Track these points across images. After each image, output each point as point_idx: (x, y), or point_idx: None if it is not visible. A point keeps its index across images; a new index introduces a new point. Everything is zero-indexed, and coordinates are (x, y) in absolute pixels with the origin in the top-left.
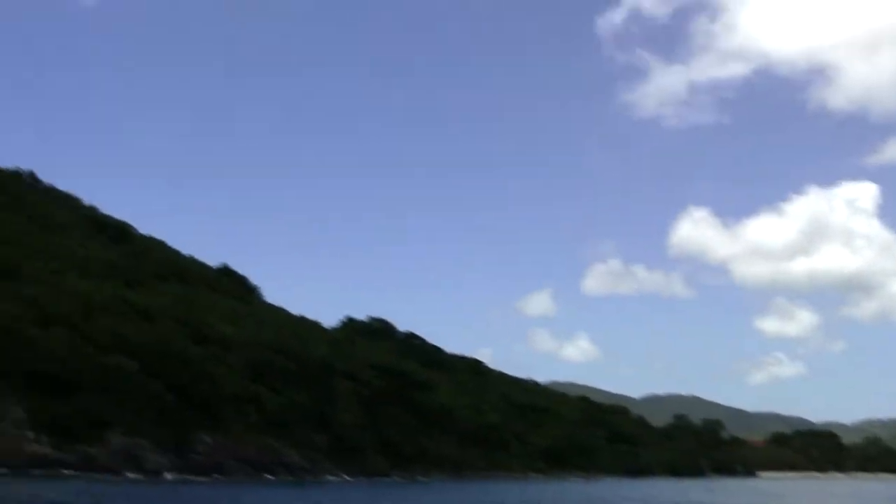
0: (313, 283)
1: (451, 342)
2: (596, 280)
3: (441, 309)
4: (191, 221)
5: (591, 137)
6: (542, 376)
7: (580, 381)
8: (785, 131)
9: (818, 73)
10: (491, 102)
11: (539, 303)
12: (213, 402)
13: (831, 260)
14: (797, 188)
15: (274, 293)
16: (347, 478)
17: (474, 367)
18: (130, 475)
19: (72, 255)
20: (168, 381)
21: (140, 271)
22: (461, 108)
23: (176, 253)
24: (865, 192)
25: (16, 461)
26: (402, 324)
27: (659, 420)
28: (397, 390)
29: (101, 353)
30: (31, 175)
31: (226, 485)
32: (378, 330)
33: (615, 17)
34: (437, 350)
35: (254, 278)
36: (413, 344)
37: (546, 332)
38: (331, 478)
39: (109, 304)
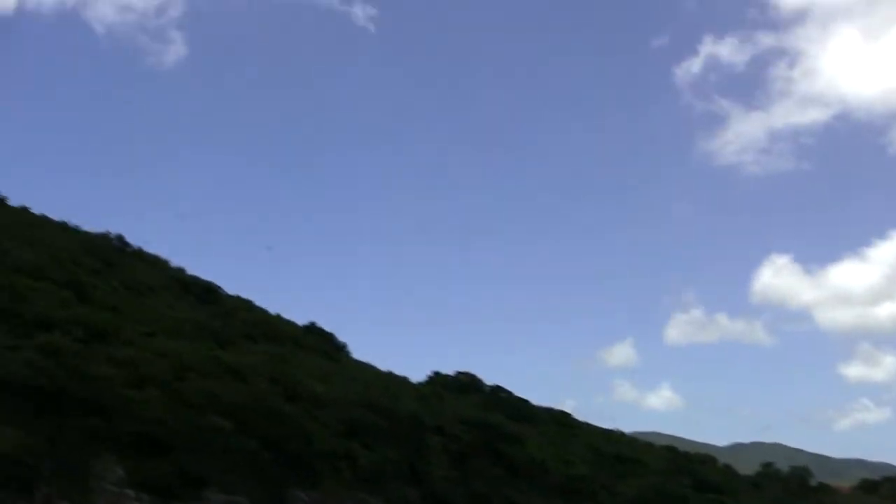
0: (399, 338)
1: (534, 394)
2: (678, 329)
3: (523, 361)
4: (277, 281)
5: (671, 186)
6: (625, 426)
7: (664, 431)
8: (866, 176)
9: None
10: (568, 155)
11: (621, 353)
12: (307, 458)
13: None
14: (880, 233)
15: (361, 349)
16: None
17: (561, 419)
18: None
19: (162, 316)
20: (263, 439)
21: (230, 331)
22: (540, 163)
23: (264, 312)
24: None
25: None
26: (485, 376)
27: (743, 468)
28: (486, 444)
29: (197, 413)
30: (120, 238)
31: None
32: (465, 384)
33: (693, 66)
34: (524, 402)
35: (341, 335)
36: (500, 397)
37: (628, 383)
38: None
39: (202, 365)
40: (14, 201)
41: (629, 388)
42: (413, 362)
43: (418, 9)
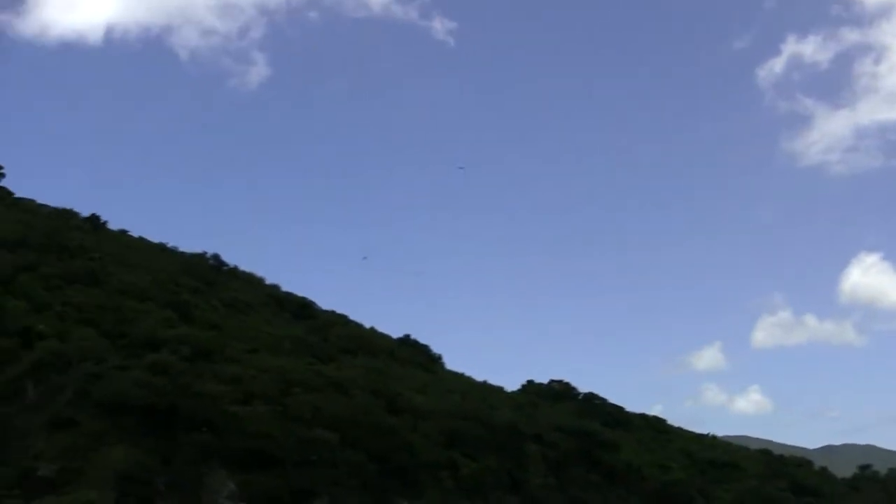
0: (488, 347)
1: (622, 399)
2: (766, 332)
3: (610, 367)
4: (368, 295)
5: (756, 188)
6: (714, 430)
7: (753, 434)
8: None
9: None
10: (651, 158)
11: (708, 357)
12: (411, 469)
13: None
14: None
15: (454, 360)
16: None
17: (655, 425)
18: None
19: (262, 332)
20: (368, 451)
21: (328, 346)
22: (623, 169)
23: (358, 326)
24: None
25: None
26: (573, 382)
27: (836, 470)
28: (583, 451)
29: (303, 427)
30: (216, 257)
31: None
32: (558, 392)
33: (775, 66)
34: (619, 409)
35: (434, 347)
36: (594, 404)
37: (716, 386)
38: None
39: (305, 379)
40: (112, 225)
41: (717, 392)
42: (503, 371)
43: (497, 21)
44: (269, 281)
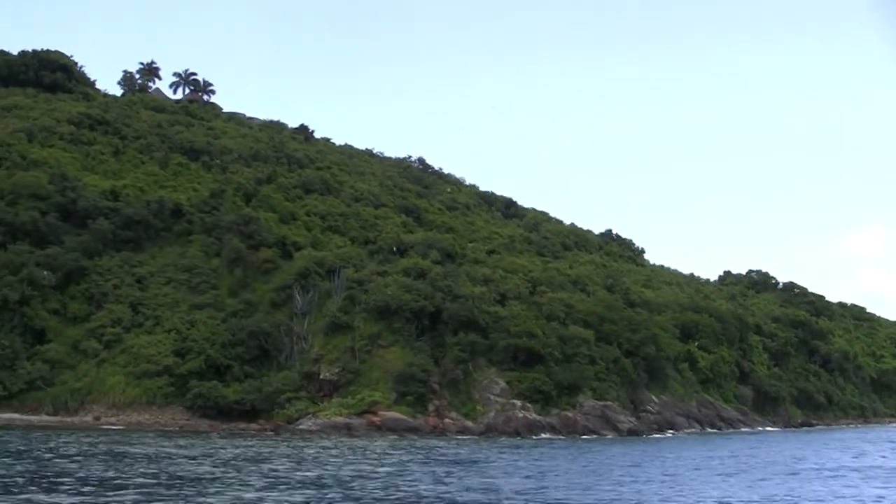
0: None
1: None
2: None
3: (762, 248)
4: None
5: None
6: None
7: None
8: None
9: None
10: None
11: (866, 239)
12: (656, 363)
13: None
14: None
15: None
16: (772, 428)
17: (856, 313)
18: (605, 434)
19: (491, 233)
20: (620, 346)
21: (550, 243)
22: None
23: (560, 222)
24: None
25: (509, 427)
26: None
27: None
28: (801, 340)
29: (559, 325)
30: (422, 161)
31: (677, 439)
32: (757, 281)
33: None
34: (820, 297)
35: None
36: (794, 293)
37: (874, 270)
38: (760, 428)
39: (548, 278)
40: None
41: (876, 276)
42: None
43: None
44: (467, 181)
